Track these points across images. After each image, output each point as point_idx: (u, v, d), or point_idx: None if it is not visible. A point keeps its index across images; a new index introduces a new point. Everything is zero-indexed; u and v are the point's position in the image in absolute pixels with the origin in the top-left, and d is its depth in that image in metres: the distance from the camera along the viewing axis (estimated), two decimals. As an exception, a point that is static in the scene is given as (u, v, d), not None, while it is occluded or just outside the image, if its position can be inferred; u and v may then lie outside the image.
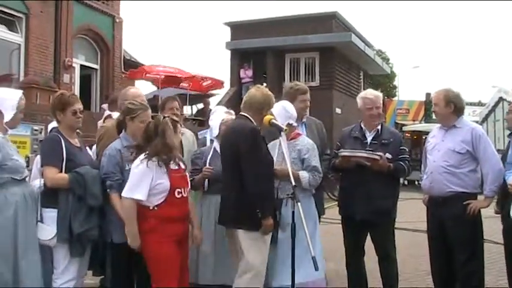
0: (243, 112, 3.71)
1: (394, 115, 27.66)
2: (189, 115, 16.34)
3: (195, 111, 17.84)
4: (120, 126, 3.74)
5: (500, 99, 22.83)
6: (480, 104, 31.31)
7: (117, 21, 15.25)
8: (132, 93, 4.33)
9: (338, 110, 17.72)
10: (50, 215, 3.39)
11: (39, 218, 3.38)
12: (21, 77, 11.83)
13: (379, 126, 4.26)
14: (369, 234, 4.26)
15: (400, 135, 4.56)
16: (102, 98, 14.11)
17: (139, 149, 3.40)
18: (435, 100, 4.18)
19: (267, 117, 3.61)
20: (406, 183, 17.75)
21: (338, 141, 4.50)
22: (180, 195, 3.40)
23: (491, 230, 4.90)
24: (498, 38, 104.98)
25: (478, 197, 4.04)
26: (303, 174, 3.90)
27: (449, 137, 4.07)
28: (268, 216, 3.43)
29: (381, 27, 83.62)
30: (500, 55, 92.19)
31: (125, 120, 3.71)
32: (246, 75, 17.95)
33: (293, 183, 3.31)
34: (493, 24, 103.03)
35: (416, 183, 16.08)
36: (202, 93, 17.23)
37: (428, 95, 25.09)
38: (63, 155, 3.44)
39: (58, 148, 3.45)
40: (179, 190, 3.40)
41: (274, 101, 3.80)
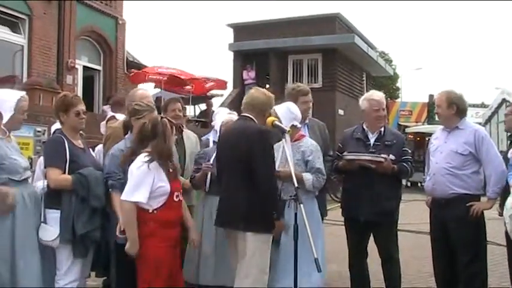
0: (245, 113, 3.66)
1: (397, 117, 27.58)
2: (192, 116, 16.33)
3: (197, 112, 17.82)
4: (127, 127, 3.76)
5: (504, 101, 22.84)
6: (483, 105, 31.29)
7: (120, 22, 15.26)
8: (140, 94, 4.39)
9: (341, 111, 17.70)
10: (53, 216, 3.40)
11: (42, 218, 3.38)
12: (24, 79, 11.81)
13: (382, 128, 4.26)
14: (372, 236, 4.26)
15: (402, 136, 4.56)
16: (105, 99, 14.12)
17: (133, 153, 3.38)
18: (438, 102, 4.17)
19: (270, 119, 3.59)
20: (409, 184, 17.77)
21: (340, 142, 4.49)
22: (177, 199, 3.39)
23: (495, 231, 4.89)
24: (501, 39, 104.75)
25: (481, 199, 4.02)
26: (307, 176, 3.88)
27: (452, 138, 4.06)
28: (281, 217, 3.47)
29: (384, 28, 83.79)
30: (504, 56, 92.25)
31: (131, 121, 3.72)
32: (248, 76, 17.93)
33: (296, 184, 3.30)
34: (496, 25, 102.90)
35: (419, 184, 16.08)
36: (205, 94, 17.24)
37: (431, 97, 25.03)
38: (66, 156, 3.44)
39: (61, 149, 3.46)
40: (177, 194, 3.39)
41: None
